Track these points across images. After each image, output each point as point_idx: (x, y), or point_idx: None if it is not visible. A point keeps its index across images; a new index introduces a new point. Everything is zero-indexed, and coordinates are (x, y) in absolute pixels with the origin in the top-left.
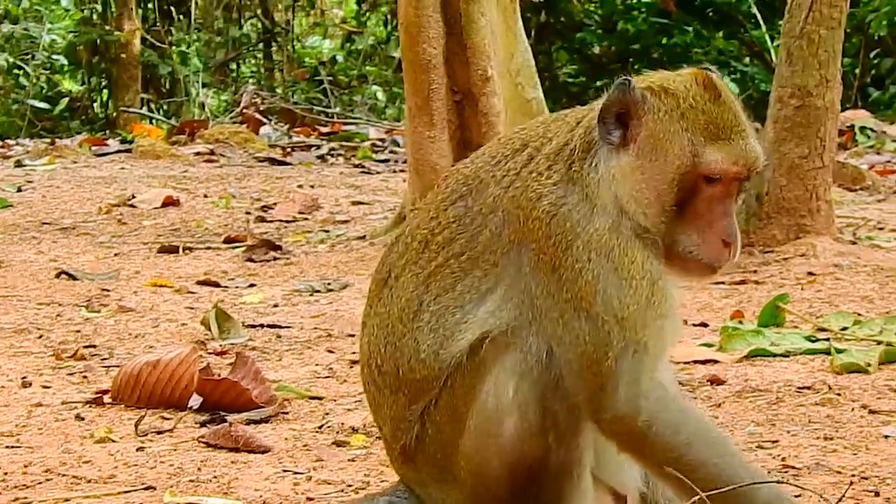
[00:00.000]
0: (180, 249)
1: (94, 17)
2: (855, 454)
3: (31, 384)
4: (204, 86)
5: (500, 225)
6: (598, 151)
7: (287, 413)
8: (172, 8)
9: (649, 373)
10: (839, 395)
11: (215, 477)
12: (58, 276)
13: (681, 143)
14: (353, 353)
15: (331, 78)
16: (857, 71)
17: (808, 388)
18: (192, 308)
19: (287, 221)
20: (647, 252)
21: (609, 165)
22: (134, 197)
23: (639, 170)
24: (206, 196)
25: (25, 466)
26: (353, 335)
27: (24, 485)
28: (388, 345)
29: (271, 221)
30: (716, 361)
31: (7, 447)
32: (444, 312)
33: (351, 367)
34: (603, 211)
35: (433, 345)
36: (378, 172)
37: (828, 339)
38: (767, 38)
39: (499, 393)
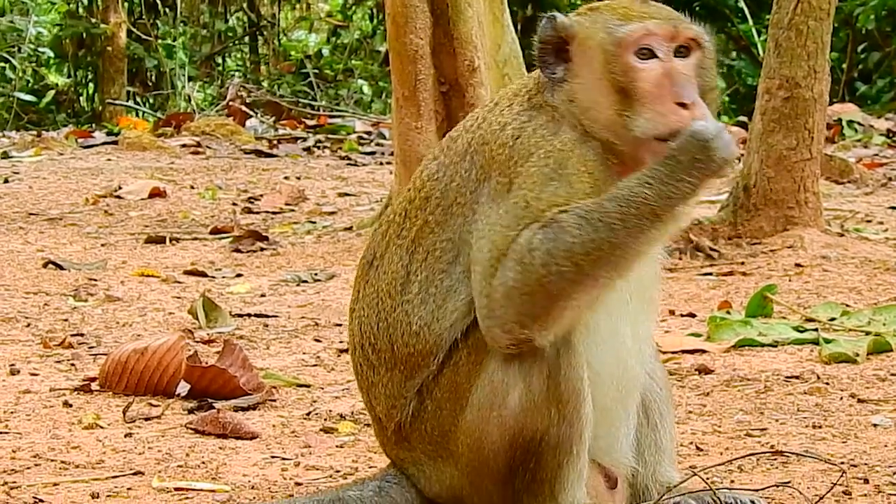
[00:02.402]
0: (167, 240)
1: (80, 9)
2: (844, 442)
3: (19, 371)
4: (190, 79)
5: (468, 168)
6: (553, 86)
7: (274, 400)
8: (158, 1)
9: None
10: (828, 384)
11: (203, 463)
12: (45, 265)
13: (602, 36)
14: (341, 341)
15: (317, 71)
16: (845, 65)
17: (797, 377)
18: (179, 297)
19: (274, 213)
20: (605, 175)
21: (562, 94)
22: (120, 188)
23: (584, 86)
24: (192, 187)
25: (14, 452)
26: (339, 324)
27: (12, 469)
28: (379, 322)
29: (258, 213)
30: (704, 351)
31: None
32: (432, 279)
33: (338, 356)
34: (570, 128)
35: (425, 317)
36: (364, 164)
37: (816, 330)
38: (755, 31)
39: (506, 365)
